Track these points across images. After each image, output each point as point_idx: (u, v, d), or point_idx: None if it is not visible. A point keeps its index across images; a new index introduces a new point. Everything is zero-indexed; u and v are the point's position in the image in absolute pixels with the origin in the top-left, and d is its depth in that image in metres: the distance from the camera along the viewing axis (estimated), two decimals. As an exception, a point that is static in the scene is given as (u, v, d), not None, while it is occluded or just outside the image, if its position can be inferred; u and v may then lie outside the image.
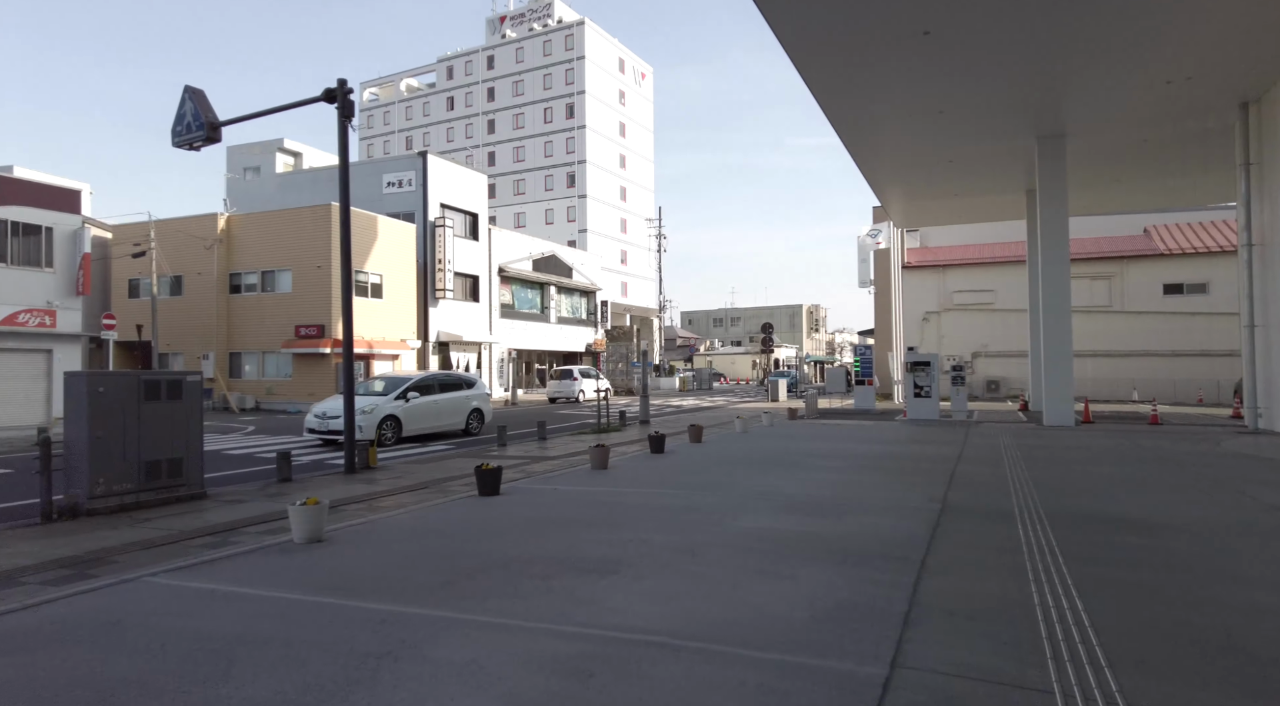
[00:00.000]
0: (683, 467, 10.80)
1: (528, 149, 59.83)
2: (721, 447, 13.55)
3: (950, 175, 21.30)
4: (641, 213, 62.88)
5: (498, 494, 8.62)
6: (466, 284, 34.90)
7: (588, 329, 44.91)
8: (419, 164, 32.91)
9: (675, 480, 9.59)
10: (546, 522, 6.94)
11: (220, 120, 12.35)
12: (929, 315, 36.71)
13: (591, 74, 57.95)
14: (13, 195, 20.49)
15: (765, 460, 11.59)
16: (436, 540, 6.31)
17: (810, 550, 5.72)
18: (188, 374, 8.75)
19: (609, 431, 17.57)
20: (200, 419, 8.83)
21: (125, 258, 29.71)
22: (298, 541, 6.28)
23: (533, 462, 12.05)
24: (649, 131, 65.81)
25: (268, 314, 28.55)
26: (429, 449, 14.71)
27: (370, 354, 28.68)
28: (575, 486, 9.22)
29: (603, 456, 10.85)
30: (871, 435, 16.02)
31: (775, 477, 9.66)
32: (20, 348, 20.57)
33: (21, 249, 20.78)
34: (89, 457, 7.70)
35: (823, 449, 13.19)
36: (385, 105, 69.60)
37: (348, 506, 8.31)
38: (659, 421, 21.16)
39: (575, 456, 12.84)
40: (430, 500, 8.52)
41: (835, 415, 23.19)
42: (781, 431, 17.02)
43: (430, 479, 10.35)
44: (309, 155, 37.77)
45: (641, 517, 7.10)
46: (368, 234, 29.05)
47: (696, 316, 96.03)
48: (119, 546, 6.44)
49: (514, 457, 12.78)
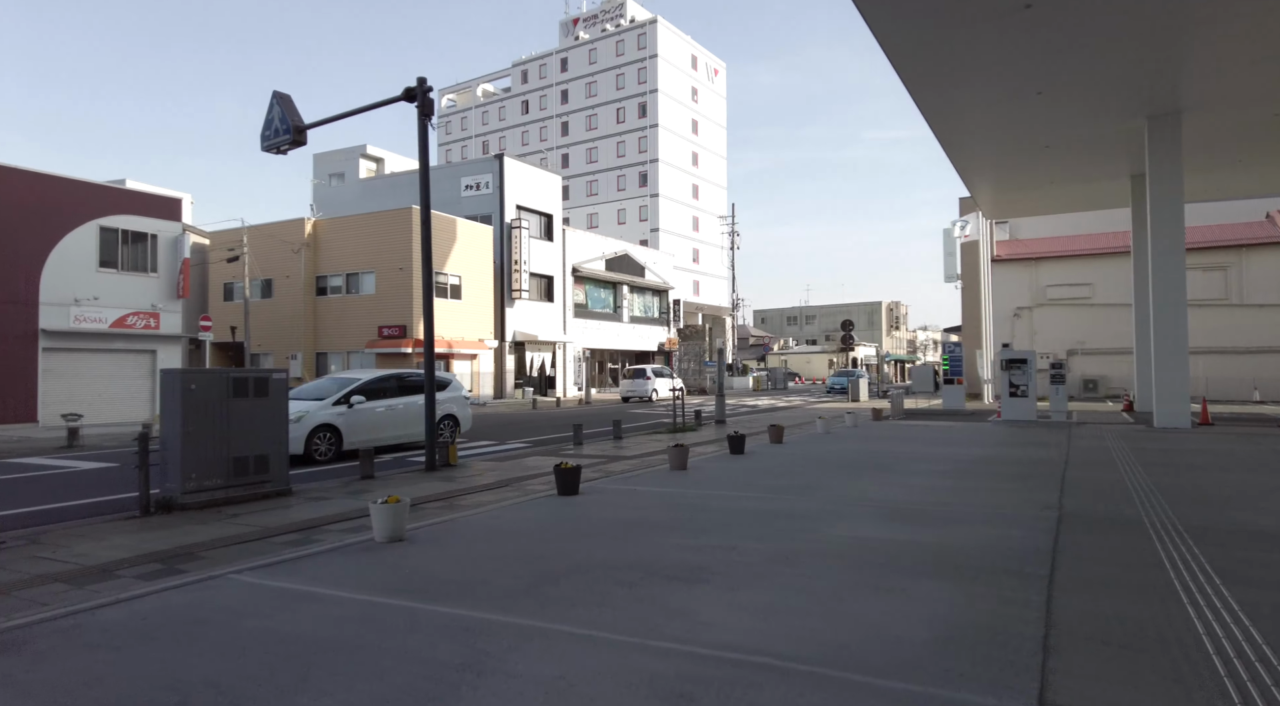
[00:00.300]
0: (766, 469, 10.35)
1: (600, 150, 60.06)
2: (804, 449, 13.01)
3: (1046, 162, 20.04)
4: (714, 210, 62.25)
5: (577, 493, 8.40)
6: (541, 284, 35.16)
7: (660, 328, 44.67)
8: (495, 167, 33.34)
9: (759, 482, 9.17)
10: (628, 525, 6.65)
11: (305, 123, 12.60)
12: (1020, 311, 34.87)
13: (664, 72, 57.71)
14: (122, 205, 21.69)
15: (854, 463, 11.02)
16: (517, 541, 6.10)
17: (919, 561, 5.23)
18: (273, 372, 8.87)
19: (685, 431, 17.22)
20: (285, 417, 8.93)
21: (221, 262, 31.19)
22: (379, 540, 6.18)
23: (610, 462, 11.82)
24: (721, 128, 65.09)
25: (352, 315, 29.43)
26: (507, 446, 14.68)
27: (450, 353, 29.19)
28: (655, 487, 8.91)
29: (681, 457, 10.51)
30: (965, 437, 15.14)
31: (868, 482, 9.11)
32: (128, 348, 21.77)
33: (130, 255, 21.97)
34: (181, 453, 7.85)
35: (915, 451, 12.48)
36: (462, 111, 71.16)
37: (427, 504, 8.23)
38: (735, 421, 20.68)
39: (652, 456, 12.54)
40: (509, 499, 8.36)
41: (923, 415, 22.17)
42: (867, 432, 16.30)
43: (509, 477, 10.23)
44: (390, 161, 38.86)
45: (728, 522, 6.73)
46: (446, 236, 29.58)
47: (770, 315, 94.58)
48: (207, 542, 6.48)
49: (591, 456, 12.58)
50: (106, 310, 21.12)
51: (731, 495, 8.23)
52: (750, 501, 7.80)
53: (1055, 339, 33.21)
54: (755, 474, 9.93)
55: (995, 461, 11.13)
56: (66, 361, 20.39)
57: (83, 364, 20.75)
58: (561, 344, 36.06)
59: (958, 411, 22.99)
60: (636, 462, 11.66)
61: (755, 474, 9.93)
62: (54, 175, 20.33)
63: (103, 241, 21.22)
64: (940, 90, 15.08)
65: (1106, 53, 13.35)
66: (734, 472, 10.11)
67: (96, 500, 9.04)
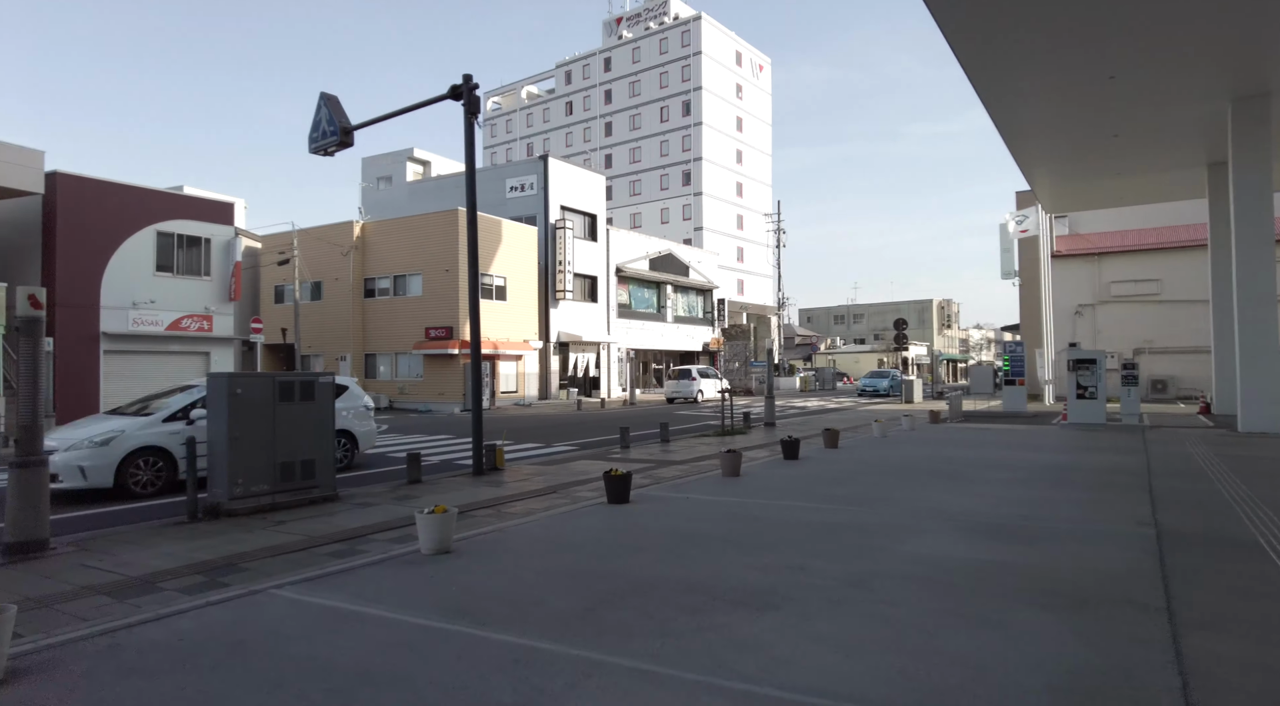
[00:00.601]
0: (824, 477, 9.86)
1: (644, 149, 59.76)
2: (862, 454, 12.45)
3: (1115, 151, 19.01)
4: (758, 208, 61.42)
5: (627, 501, 8.05)
6: (585, 284, 35.00)
7: (704, 328, 44.16)
8: (540, 167, 33.27)
9: (819, 492, 8.69)
10: (685, 538, 6.27)
11: (352, 124, 12.52)
12: (1081, 308, 33.46)
13: (708, 69, 57.13)
14: (178, 210, 22.12)
15: (918, 470, 10.45)
16: (569, 555, 5.77)
17: (1010, 587, 4.74)
18: (320, 375, 8.73)
19: (733, 434, 16.77)
20: (332, 421, 8.78)
21: (272, 265, 31.76)
22: (425, 552, 5.93)
23: (659, 467, 11.45)
24: (766, 124, 64.21)
25: (399, 317, 29.64)
26: (553, 449, 14.44)
27: (495, 355, 29.18)
28: (709, 496, 8.51)
29: (734, 463, 10.09)
30: (1031, 441, 14.37)
31: (937, 491, 8.57)
32: (182, 350, 22.19)
33: (185, 259, 22.40)
34: (228, 459, 7.74)
35: (982, 457, 11.83)
36: (507, 114, 71.62)
37: (476, 512, 7.97)
38: (784, 424, 20.13)
39: (703, 461, 12.14)
40: (558, 506, 8.06)
41: (982, 418, 21.29)
42: (926, 436, 15.62)
43: (557, 482, 9.95)
44: (437, 164, 39.20)
45: (791, 537, 6.30)
46: (491, 237, 29.58)
47: (815, 314, 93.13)
48: (252, 551, 6.31)
49: (639, 461, 12.23)
50: (162, 313, 21.56)
51: (790, 505, 7.79)
52: (812, 512, 7.35)
53: (1120, 337, 31.76)
54: (813, 481, 9.46)
55: (1071, 469, 10.44)
56: (125, 363, 20.85)
57: (140, 366, 21.20)
58: (605, 344, 35.86)
59: (1018, 414, 22.05)
60: (687, 468, 11.28)
61: (813, 481, 9.46)
62: (115, 182, 20.82)
63: (160, 246, 21.66)
64: (1004, 77, 14.35)
65: (1188, 30, 12.49)
66: (790, 480, 9.65)
67: (146, 504, 9.02)
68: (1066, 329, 33.21)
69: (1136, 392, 17.32)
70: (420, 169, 39.16)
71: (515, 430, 18.88)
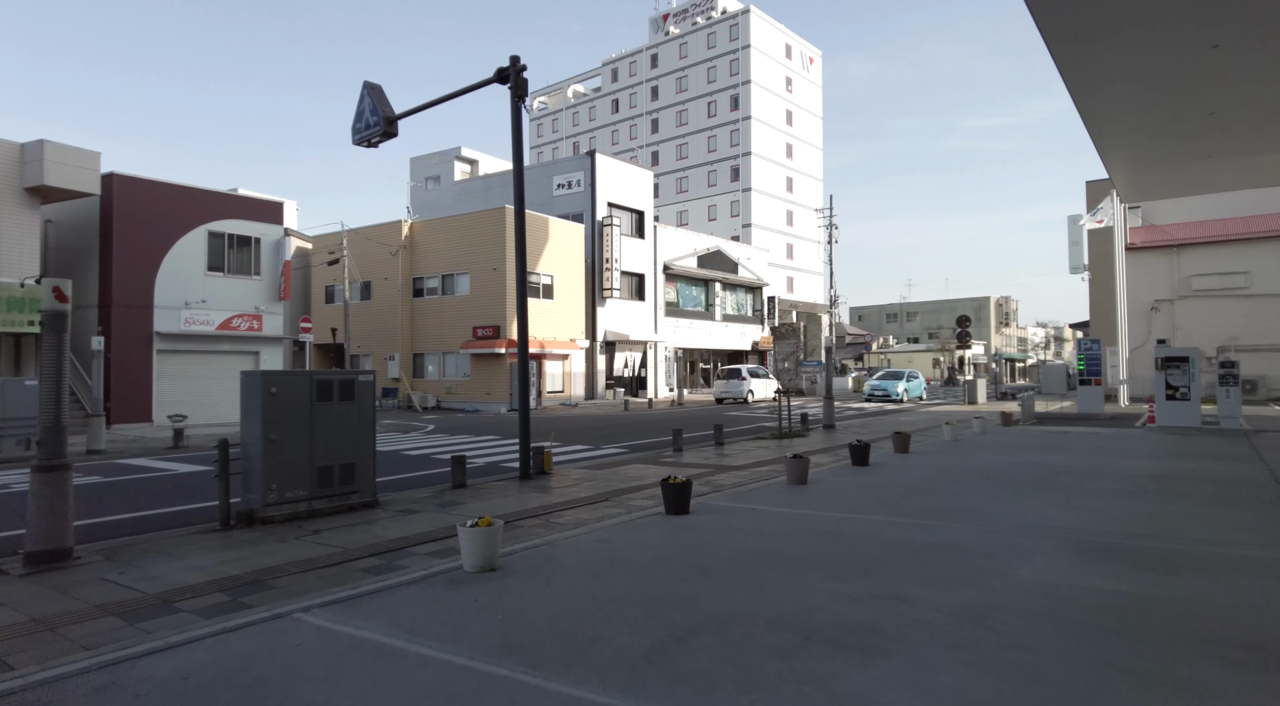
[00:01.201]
0: (902, 486, 9.00)
1: (691, 145, 58.93)
2: (937, 460, 11.51)
3: (1209, 131, 17.53)
4: (809, 204, 60.02)
5: (687, 512, 7.35)
6: (632, 282, 34.40)
7: (754, 326, 43.14)
8: (587, 164, 32.78)
9: (900, 502, 7.86)
10: (759, 559, 5.53)
11: (396, 113, 12.10)
12: (1158, 304, 31.55)
13: (757, 62, 56.02)
14: (228, 209, 22.20)
15: (1004, 478, 9.50)
16: (630, 577, 5.09)
17: (1170, 630, 3.89)
18: (359, 373, 8.23)
19: (791, 437, 15.92)
20: (373, 422, 8.28)
21: (322, 265, 31.95)
22: (468, 569, 5.32)
23: (717, 473, 10.71)
24: (817, 118, 62.74)
25: (448, 316, 29.46)
26: (603, 452, 13.81)
27: (542, 354, 28.77)
28: (777, 507, 7.75)
29: (801, 469, 9.30)
30: (1120, 446, 13.21)
31: (1033, 503, 7.66)
32: (233, 350, 22.25)
33: (235, 259, 22.48)
34: (263, 462, 7.28)
35: (1070, 464, 10.78)
36: (553, 113, 71.55)
37: (523, 522, 7.37)
38: (844, 426, 19.16)
39: (763, 467, 11.36)
40: (612, 516, 7.40)
41: (1056, 420, 19.99)
42: (1002, 440, 14.55)
43: (609, 489, 9.30)
44: (485, 162, 39.07)
45: (880, 557, 5.52)
46: (539, 235, 29.18)
47: (867, 312, 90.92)
48: (283, 565, 5.79)
49: (694, 466, 11.51)
50: (213, 313, 21.64)
51: (871, 519, 6.98)
52: (897, 528, 6.54)
53: (1201, 334, 29.79)
54: (890, 490, 8.61)
55: (1179, 478, 9.36)
56: (177, 363, 20.97)
57: (191, 365, 21.31)
58: (653, 343, 35.20)
59: (1095, 416, 20.65)
60: (747, 474, 10.51)
61: (890, 490, 8.61)
62: (167, 182, 20.96)
63: (210, 246, 21.75)
64: (1093, 52, 13.18)
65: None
66: (864, 489, 8.81)
67: (184, 508, 8.66)
68: (1142, 326, 31.34)
69: (1236, 393, 15.91)
70: (468, 168, 39.07)
71: (562, 431, 18.34)
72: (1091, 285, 32.82)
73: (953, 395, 38.94)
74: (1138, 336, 30.84)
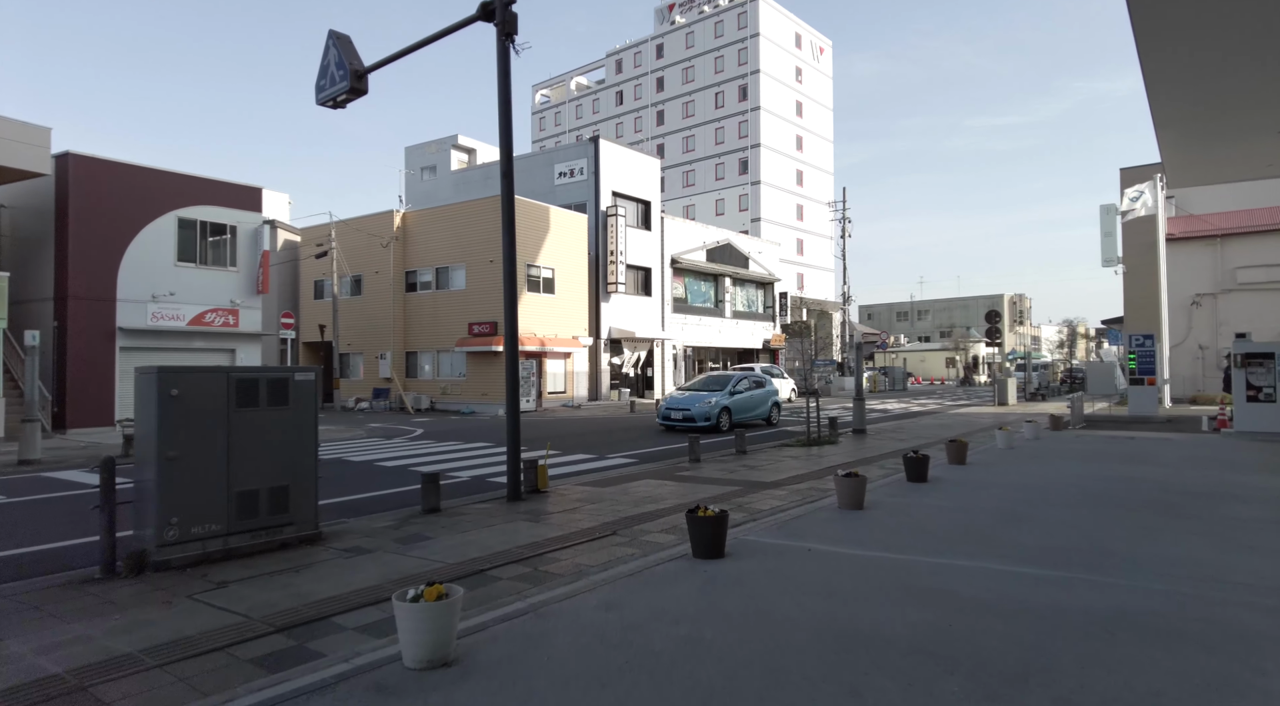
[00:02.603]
0: (986, 510, 7.14)
1: (697, 137, 57.04)
2: (1005, 473, 9.65)
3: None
4: (820, 197, 58.09)
5: (722, 555, 5.51)
6: (638, 277, 32.55)
7: (765, 323, 41.26)
8: (590, 151, 30.95)
9: (998, 536, 6.00)
10: (846, 644, 3.68)
11: (365, 66, 10.29)
12: (1199, 298, 29.59)
13: (766, 51, 54.10)
14: (201, 195, 20.43)
15: (1110, 499, 7.63)
16: (653, 684, 3.25)
17: None
18: (296, 371, 6.40)
19: (821, 443, 14.06)
20: (314, 431, 6.46)
21: (312, 260, 30.19)
22: (409, 665, 3.50)
23: (748, 492, 8.86)
24: (828, 109, 60.78)
25: (442, 311, 27.67)
26: (608, 463, 11.97)
27: (542, 352, 26.96)
28: (841, 545, 5.90)
29: (856, 491, 7.45)
30: (1215, 455, 11.32)
31: (1180, 540, 5.79)
32: (206, 347, 20.48)
33: (209, 248, 20.71)
34: (159, 487, 5.46)
35: (1178, 480, 8.90)
36: (556, 106, 69.74)
37: (503, 570, 5.53)
38: (876, 431, 17.29)
39: (801, 483, 9.51)
40: (622, 560, 5.57)
41: (1108, 423, 18.10)
42: (1063, 447, 12.67)
43: (617, 515, 7.46)
44: (483, 151, 37.26)
45: (1033, 644, 3.66)
46: (539, 225, 27.36)
47: (877, 310, 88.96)
48: (138, 653, 3.96)
49: (718, 482, 9.67)
50: (184, 307, 19.87)
51: (978, 568, 5.13)
52: (1025, 584, 4.68)
53: (1249, 330, 27.84)
54: (976, 517, 6.76)
55: (1331, 502, 7.48)
56: (143, 361, 19.17)
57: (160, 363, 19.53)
58: (660, 341, 33.35)
59: (1150, 418, 18.75)
60: (786, 495, 8.66)
61: (976, 517, 6.76)
62: (133, 164, 19.20)
63: (181, 234, 19.99)
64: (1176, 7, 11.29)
65: None
66: (939, 514, 6.96)
67: (72, 543, 6.83)
68: (1181, 321, 29.40)
69: (1329, 394, 13.98)
70: (465, 157, 37.24)
71: (562, 436, 16.52)
72: (1126, 279, 30.87)
73: (975, 396, 37.00)
74: (1179, 332, 28.91)
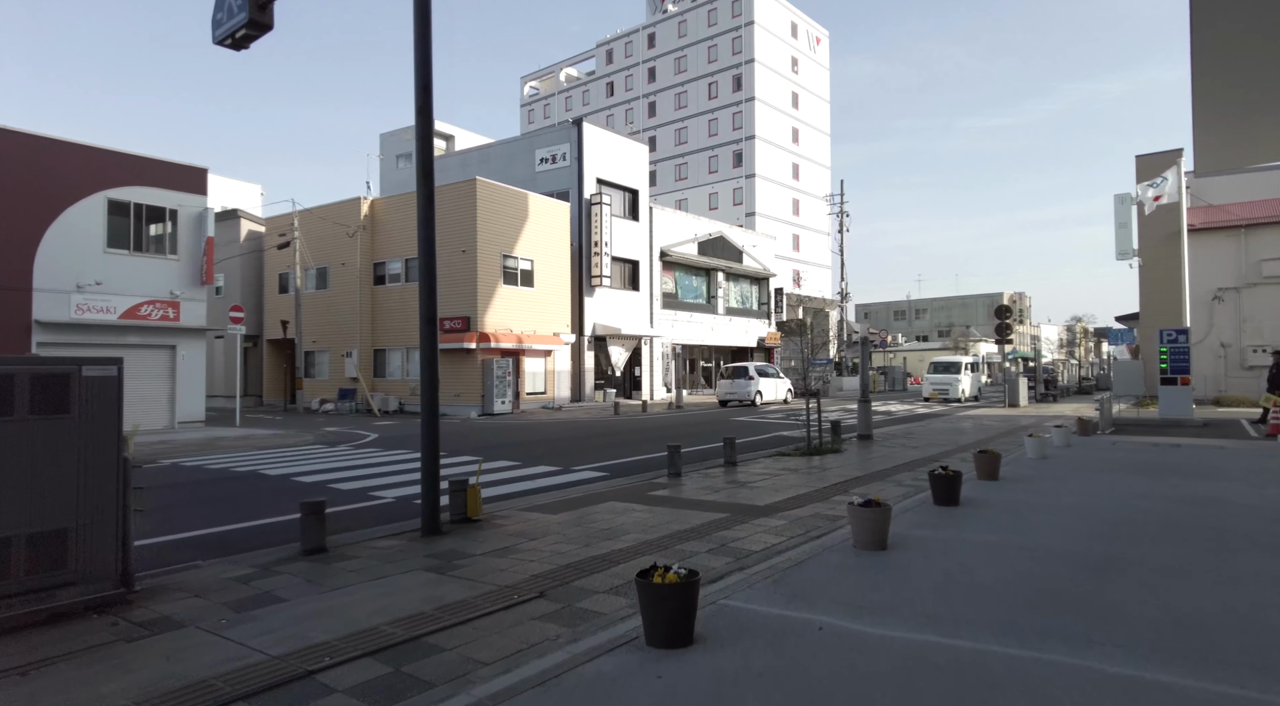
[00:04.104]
0: (1051, 552, 5.26)
1: (690, 129, 55.17)
2: (1048, 492, 7.78)
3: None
4: (816, 192, 56.29)
5: (689, 642, 3.63)
6: (625, 270, 30.65)
7: (759, 321, 39.42)
8: (573, 134, 29.03)
9: (1086, 598, 4.12)
10: None
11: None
12: (1222, 292, 27.85)
13: (761, 40, 52.27)
14: (135, 174, 18.46)
15: (1208, 530, 5.77)
16: None
17: None
18: (86, 363, 4.49)
19: (823, 452, 12.18)
20: (115, 448, 4.55)
21: (277, 252, 28.24)
22: None
23: (737, 522, 6.97)
24: (824, 102, 58.98)
25: (412, 305, 25.68)
26: (572, 477, 10.07)
27: (520, 350, 25.05)
28: (868, 621, 4.00)
29: (878, 527, 5.58)
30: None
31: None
32: (142, 343, 18.50)
33: (145, 234, 18.74)
34: None
35: (1271, 502, 7.04)
36: (545, 98, 67.77)
37: (347, 671, 3.63)
38: (883, 436, 15.43)
39: (802, 509, 7.63)
40: (538, 648, 3.68)
41: (1140, 427, 16.29)
42: (1104, 456, 10.81)
43: (555, 563, 5.56)
44: (461, 138, 35.37)
45: None
46: (517, 213, 25.45)
47: (873, 309, 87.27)
48: None
49: (698, 505, 7.78)
50: (115, 298, 17.89)
51: (1087, 668, 3.23)
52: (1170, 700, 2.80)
53: (1274, 327, 26.16)
54: (1042, 563, 4.89)
55: None
56: (65, 358, 17.22)
57: (86, 361, 17.55)
58: (648, 339, 31.47)
59: (1183, 422, 16.94)
60: (784, 526, 6.77)
61: (1042, 563, 4.89)
62: (52, 138, 17.22)
63: (112, 217, 18.01)
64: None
65: None
66: (994, 560, 5.08)
67: None
68: (1202, 317, 27.66)
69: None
70: (443, 145, 35.33)
71: (531, 443, 14.63)
72: (1143, 272, 29.09)
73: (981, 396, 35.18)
74: (1199, 329, 27.15)
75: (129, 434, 13.57)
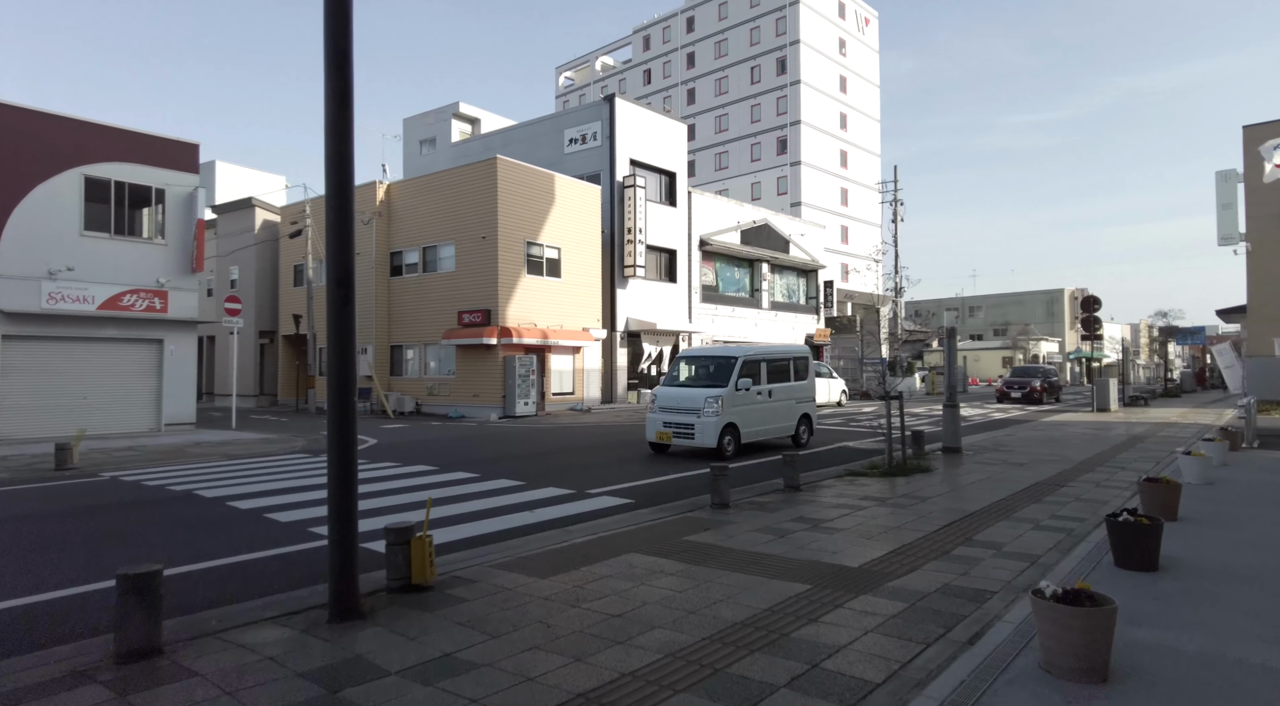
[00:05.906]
0: None
1: (731, 116, 52.43)
2: (1274, 542, 5.14)
3: None
4: (865, 180, 53.08)
5: None
6: (661, 260, 28.19)
7: (807, 316, 36.60)
8: (605, 112, 26.69)
9: None
10: None
11: None
12: (1347, 281, 24.24)
13: (806, 20, 49.29)
14: (117, 150, 16.65)
15: None
16: None
17: None
18: None
19: (908, 472, 9.60)
20: None
21: (293, 244, 26.51)
22: None
23: (819, 606, 4.51)
24: (874, 85, 55.66)
25: (429, 298, 23.68)
26: (582, 507, 7.70)
27: (545, 346, 22.81)
28: None
29: (1094, 640, 3.07)
30: None
31: None
32: (123, 337, 16.68)
33: (127, 216, 16.93)
34: None
35: None
36: (580, 88, 65.65)
37: None
38: (972, 448, 12.73)
39: (913, 570, 5.12)
40: None
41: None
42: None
43: (519, 700, 3.17)
44: (486, 121, 33.37)
45: None
46: (543, 196, 23.22)
47: (923, 306, 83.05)
48: None
49: (756, 564, 5.32)
50: (93, 287, 16.09)
51: None
52: None
53: None
54: None
55: None
56: (34, 353, 15.45)
57: (59, 357, 15.78)
58: (686, 334, 28.98)
59: (1338, 433, 13.87)
60: (898, 614, 4.29)
61: None
62: (19, 106, 15.48)
63: (89, 197, 16.23)
64: None
65: None
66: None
67: None
68: (1320, 309, 24.12)
69: None
70: (468, 128, 33.35)
71: (545, 454, 12.31)
72: (1250, 259, 25.62)
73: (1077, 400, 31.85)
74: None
75: (73, 440, 11.62)
